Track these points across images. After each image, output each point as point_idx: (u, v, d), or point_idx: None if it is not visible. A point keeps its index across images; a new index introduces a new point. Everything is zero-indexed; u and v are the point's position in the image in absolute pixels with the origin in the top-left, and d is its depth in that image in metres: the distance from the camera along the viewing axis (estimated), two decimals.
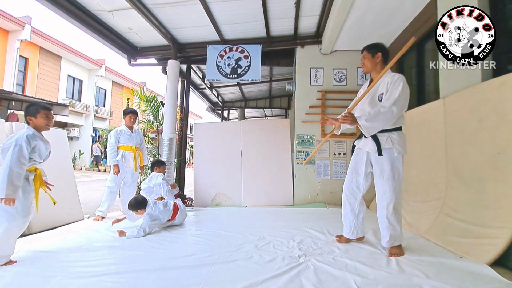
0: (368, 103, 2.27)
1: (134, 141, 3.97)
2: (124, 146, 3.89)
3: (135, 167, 3.91)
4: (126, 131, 3.93)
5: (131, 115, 3.95)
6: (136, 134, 4.04)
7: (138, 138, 4.04)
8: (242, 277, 1.78)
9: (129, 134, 3.94)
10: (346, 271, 1.87)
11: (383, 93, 2.15)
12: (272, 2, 3.95)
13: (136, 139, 4.00)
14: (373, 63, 2.27)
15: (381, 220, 2.20)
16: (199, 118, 27.39)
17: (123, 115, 4.01)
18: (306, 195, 4.89)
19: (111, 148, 3.82)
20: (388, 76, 2.17)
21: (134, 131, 4.03)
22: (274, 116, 13.46)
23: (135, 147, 3.94)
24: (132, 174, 3.95)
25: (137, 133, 4.06)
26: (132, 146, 3.93)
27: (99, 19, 4.38)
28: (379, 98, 2.19)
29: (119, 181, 3.86)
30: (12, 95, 9.32)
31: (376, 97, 2.23)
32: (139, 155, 4.01)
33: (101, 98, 18.10)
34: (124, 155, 3.85)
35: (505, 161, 2.00)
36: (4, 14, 11.33)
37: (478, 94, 2.31)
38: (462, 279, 1.72)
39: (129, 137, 3.93)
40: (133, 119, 3.98)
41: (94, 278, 1.79)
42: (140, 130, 4.23)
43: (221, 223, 3.39)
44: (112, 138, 3.86)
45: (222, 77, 5.06)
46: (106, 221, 3.50)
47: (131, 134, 3.96)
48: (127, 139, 3.91)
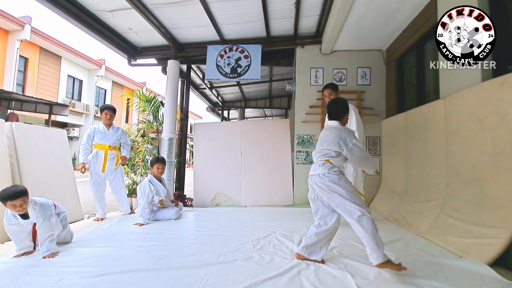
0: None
1: (109, 139, 3.76)
2: (97, 144, 3.74)
3: (103, 167, 3.68)
4: (100, 129, 3.77)
5: (106, 111, 3.76)
6: (114, 132, 3.82)
7: (114, 137, 3.82)
8: (242, 277, 1.78)
9: (103, 132, 3.76)
10: (346, 271, 1.87)
11: None
12: (272, 2, 3.95)
13: (111, 137, 3.79)
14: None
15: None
16: (199, 118, 27.39)
17: (100, 112, 3.86)
18: (306, 195, 4.86)
19: (82, 146, 3.73)
20: None
21: (112, 128, 3.83)
22: (274, 116, 13.46)
23: (108, 146, 3.73)
24: (112, 171, 3.81)
25: (115, 131, 3.84)
26: (105, 144, 3.73)
27: (99, 19, 4.38)
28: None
29: (100, 181, 3.74)
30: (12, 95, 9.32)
31: None
32: (117, 155, 3.83)
33: (101, 98, 18.10)
34: (97, 153, 3.71)
35: (505, 161, 2.00)
36: (4, 14, 11.33)
37: (478, 94, 2.31)
38: (462, 279, 1.73)
39: (103, 135, 3.75)
40: (109, 116, 3.77)
41: (94, 278, 1.79)
42: (121, 128, 4.01)
43: (221, 223, 3.39)
44: (85, 136, 3.75)
45: (221, 76, 5.06)
46: (106, 221, 3.51)
47: (106, 132, 3.77)
48: (101, 137, 3.74)
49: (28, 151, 3.30)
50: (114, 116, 3.90)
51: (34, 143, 3.41)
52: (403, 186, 3.66)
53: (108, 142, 3.76)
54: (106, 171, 3.74)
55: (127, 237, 2.82)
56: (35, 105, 10.23)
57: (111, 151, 3.78)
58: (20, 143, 3.28)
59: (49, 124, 10.65)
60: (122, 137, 3.93)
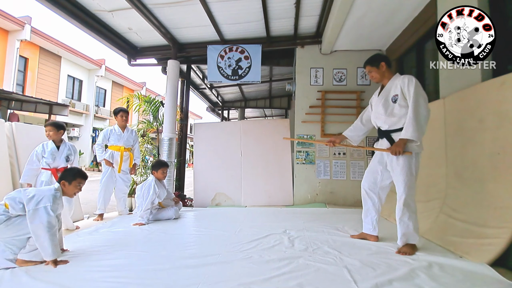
0: (382, 105, 2.39)
1: (124, 141, 3.84)
2: (113, 146, 3.80)
3: (119, 168, 3.78)
4: (116, 131, 3.84)
5: (122, 113, 3.82)
6: (129, 135, 3.91)
7: (130, 139, 3.91)
8: (242, 277, 1.78)
9: (119, 134, 3.83)
10: (346, 271, 1.87)
11: (397, 95, 2.28)
12: (272, 2, 3.95)
13: (127, 139, 3.87)
14: (380, 72, 2.42)
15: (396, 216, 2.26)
16: (199, 118, 27.39)
17: (114, 115, 3.91)
18: (306, 195, 4.89)
19: (98, 146, 3.80)
20: (398, 79, 2.32)
21: (126, 130, 3.90)
22: (274, 116, 13.46)
23: (123, 147, 3.82)
24: (126, 172, 3.90)
25: (129, 133, 3.92)
26: (121, 146, 3.81)
27: (99, 19, 4.38)
28: (393, 99, 2.32)
29: (113, 180, 3.80)
30: (12, 95, 9.32)
31: (389, 99, 2.36)
32: (130, 156, 3.91)
33: (101, 98, 18.12)
34: (112, 154, 3.78)
35: (505, 161, 2.00)
36: (4, 14, 11.34)
37: (478, 94, 2.31)
38: (462, 279, 1.72)
39: (119, 137, 3.82)
40: (125, 118, 3.85)
41: (94, 278, 1.79)
42: (134, 130, 4.11)
43: (221, 223, 3.39)
44: (101, 136, 3.82)
45: (223, 78, 5.07)
46: (106, 221, 3.50)
47: (121, 134, 3.84)
48: (116, 139, 3.81)
49: (28, 151, 3.29)
50: (128, 117, 3.98)
51: (34, 143, 3.41)
52: None
53: (122, 143, 3.83)
54: (122, 171, 3.82)
55: (127, 237, 2.82)
56: (35, 105, 10.23)
57: (126, 152, 3.86)
58: (20, 143, 3.28)
59: None
60: (135, 139, 4.01)
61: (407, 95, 2.20)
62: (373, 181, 2.50)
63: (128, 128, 3.96)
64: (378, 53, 2.58)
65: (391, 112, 2.31)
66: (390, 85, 2.36)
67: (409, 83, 2.19)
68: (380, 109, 2.39)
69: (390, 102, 2.33)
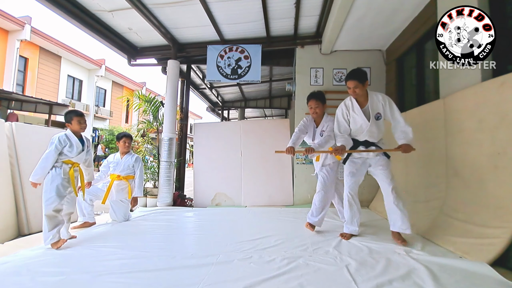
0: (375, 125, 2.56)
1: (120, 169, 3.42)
2: (111, 174, 3.45)
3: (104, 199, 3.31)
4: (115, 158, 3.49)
5: (125, 139, 3.44)
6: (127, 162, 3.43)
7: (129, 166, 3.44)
8: (242, 277, 1.78)
9: (117, 161, 3.46)
10: (346, 270, 1.87)
11: (379, 113, 2.52)
12: (272, 2, 3.95)
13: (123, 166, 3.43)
14: (364, 90, 2.54)
15: (389, 207, 2.48)
16: (199, 118, 27.38)
17: (116, 140, 3.53)
18: (306, 195, 4.88)
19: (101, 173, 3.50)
20: (375, 97, 2.53)
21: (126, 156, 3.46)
22: (274, 116, 13.45)
23: (116, 176, 3.39)
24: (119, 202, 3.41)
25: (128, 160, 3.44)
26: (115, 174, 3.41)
27: (99, 19, 4.38)
28: (376, 117, 2.53)
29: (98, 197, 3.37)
30: (12, 95, 9.31)
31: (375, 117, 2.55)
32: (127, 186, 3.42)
33: (101, 98, 18.10)
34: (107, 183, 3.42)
35: (505, 161, 2.00)
36: (4, 14, 11.32)
37: (478, 94, 2.31)
38: (462, 279, 1.72)
39: (116, 165, 3.45)
40: (128, 144, 3.45)
41: (94, 278, 1.79)
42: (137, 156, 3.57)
43: (221, 223, 3.39)
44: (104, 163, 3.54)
45: (222, 77, 5.06)
46: (106, 221, 3.50)
47: (119, 161, 3.45)
48: (113, 167, 3.46)
49: (28, 151, 3.30)
50: (131, 142, 3.56)
51: (34, 143, 3.41)
52: (403, 186, 3.65)
53: (119, 171, 3.40)
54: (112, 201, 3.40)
55: (127, 237, 2.82)
56: (35, 105, 10.22)
57: (122, 181, 3.41)
58: (20, 143, 3.27)
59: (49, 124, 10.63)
60: (137, 166, 3.46)
61: (389, 113, 2.50)
62: (357, 184, 2.67)
63: (129, 155, 3.49)
64: (363, 69, 2.69)
65: (379, 128, 2.57)
66: (372, 103, 2.52)
67: (389, 102, 2.50)
68: (374, 128, 2.55)
69: (376, 120, 2.54)
